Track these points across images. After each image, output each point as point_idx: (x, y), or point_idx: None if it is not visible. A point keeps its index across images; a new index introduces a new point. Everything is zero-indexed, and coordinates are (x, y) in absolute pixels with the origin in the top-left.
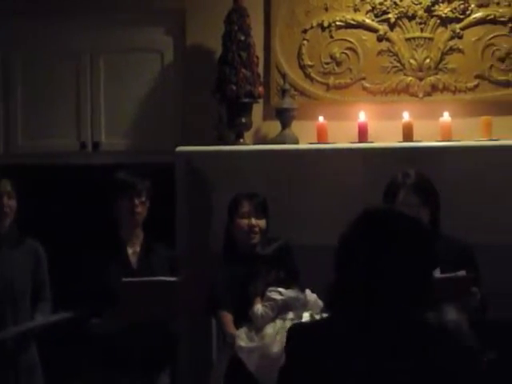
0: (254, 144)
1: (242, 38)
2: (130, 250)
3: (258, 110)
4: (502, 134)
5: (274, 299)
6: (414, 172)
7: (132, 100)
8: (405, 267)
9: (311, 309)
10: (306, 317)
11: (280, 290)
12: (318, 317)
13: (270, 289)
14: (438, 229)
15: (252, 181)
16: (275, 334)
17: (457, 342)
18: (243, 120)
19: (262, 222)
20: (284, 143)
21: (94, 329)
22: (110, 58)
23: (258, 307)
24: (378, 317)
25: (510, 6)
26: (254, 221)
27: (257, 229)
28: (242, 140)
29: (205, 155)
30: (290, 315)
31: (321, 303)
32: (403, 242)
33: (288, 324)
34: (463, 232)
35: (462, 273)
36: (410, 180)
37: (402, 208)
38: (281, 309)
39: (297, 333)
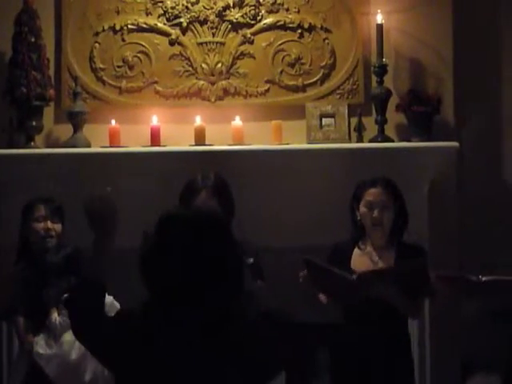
0: (46, 147)
1: (33, 39)
2: None
3: (49, 112)
4: (291, 138)
5: None
6: (213, 174)
7: None
8: (210, 266)
9: (110, 311)
10: None
11: None
12: None
13: (66, 296)
14: None
15: (42, 184)
16: (74, 340)
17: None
18: (34, 123)
19: (58, 227)
20: (75, 147)
21: None
22: None
23: (55, 316)
24: (187, 315)
25: (299, 12)
26: (49, 224)
27: (53, 232)
28: (32, 143)
29: None
30: None
31: (117, 305)
32: (206, 241)
33: None
34: (254, 236)
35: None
36: (210, 182)
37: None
38: None
39: None
